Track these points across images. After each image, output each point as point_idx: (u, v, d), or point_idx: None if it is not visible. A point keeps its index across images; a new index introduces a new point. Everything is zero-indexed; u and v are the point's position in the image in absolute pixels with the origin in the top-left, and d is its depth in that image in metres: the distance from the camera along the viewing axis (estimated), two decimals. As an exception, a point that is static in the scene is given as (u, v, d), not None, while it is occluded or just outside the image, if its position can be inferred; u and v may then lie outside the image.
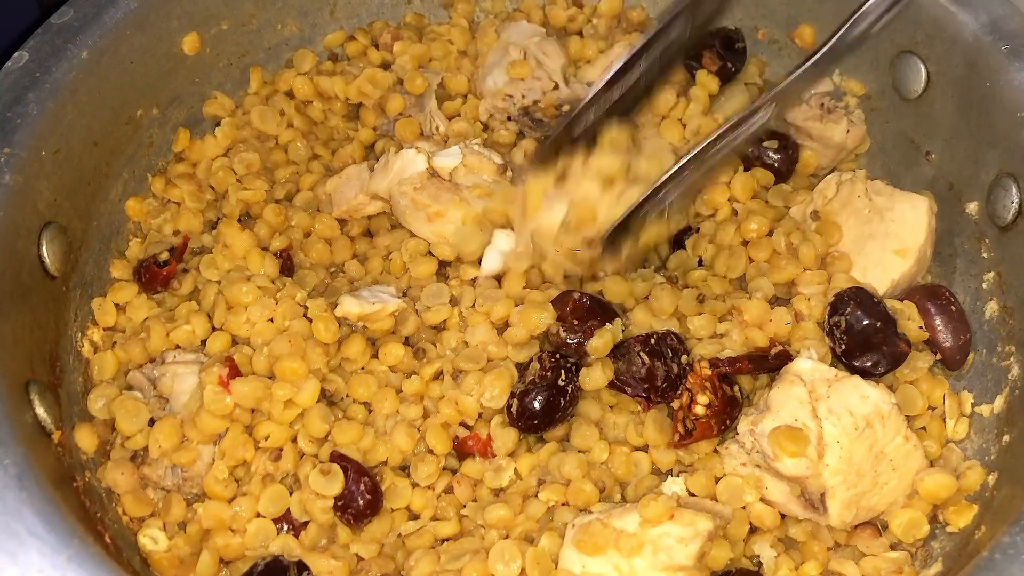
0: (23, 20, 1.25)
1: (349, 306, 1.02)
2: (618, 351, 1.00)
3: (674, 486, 0.95)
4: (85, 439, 0.95)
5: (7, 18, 1.27)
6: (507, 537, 0.93)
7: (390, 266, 1.12)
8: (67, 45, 1.01)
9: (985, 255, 1.06)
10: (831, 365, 0.98)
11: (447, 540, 0.96)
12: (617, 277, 1.07)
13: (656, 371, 0.98)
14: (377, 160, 1.15)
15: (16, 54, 0.99)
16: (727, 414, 0.97)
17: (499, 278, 1.08)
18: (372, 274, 1.12)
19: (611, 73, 0.98)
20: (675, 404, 0.99)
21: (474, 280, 1.08)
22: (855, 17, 0.90)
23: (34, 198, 0.96)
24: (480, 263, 1.09)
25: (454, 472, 0.99)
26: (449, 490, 0.98)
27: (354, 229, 1.16)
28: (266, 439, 0.96)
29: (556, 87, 1.18)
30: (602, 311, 1.02)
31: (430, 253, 1.11)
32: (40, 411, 0.90)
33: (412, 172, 1.09)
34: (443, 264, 1.11)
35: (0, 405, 0.82)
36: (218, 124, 1.18)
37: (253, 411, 0.97)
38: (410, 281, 1.10)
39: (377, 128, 1.22)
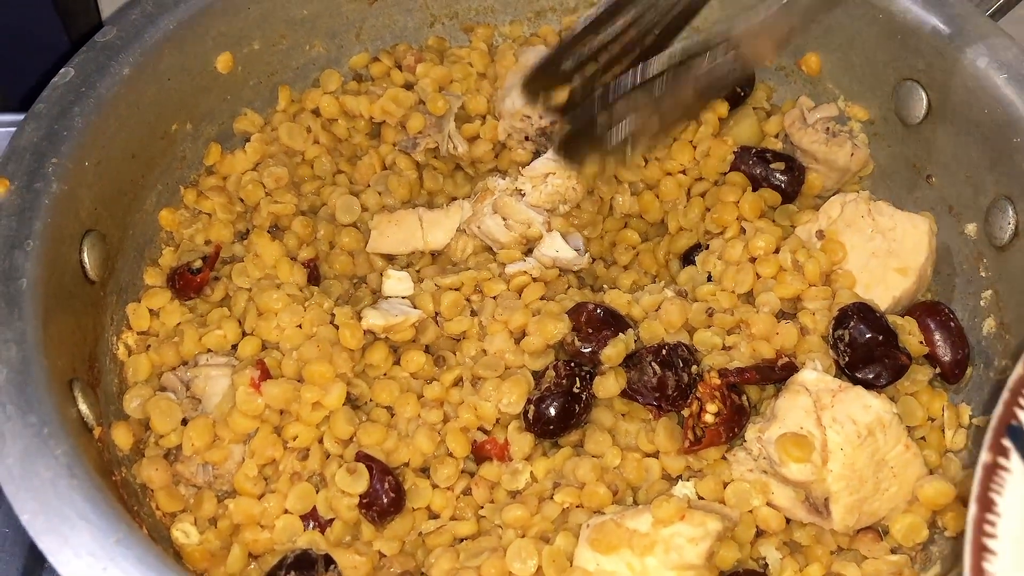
0: (54, 53, 1.30)
1: (374, 319, 1.05)
2: (631, 361, 1.04)
3: (684, 490, 0.98)
4: (121, 437, 0.99)
5: (39, 51, 1.32)
6: (524, 536, 0.96)
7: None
8: (110, 62, 1.05)
9: (983, 274, 1.10)
10: (835, 376, 1.01)
11: (465, 539, 0.99)
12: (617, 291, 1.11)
13: (667, 380, 1.01)
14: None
15: (63, 70, 1.04)
16: (735, 422, 1.01)
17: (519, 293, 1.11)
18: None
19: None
20: (685, 412, 1.02)
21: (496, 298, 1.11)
22: None
23: (77, 206, 1.00)
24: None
25: (472, 475, 1.02)
26: (467, 492, 1.01)
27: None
28: (294, 439, 1.00)
29: (572, 108, 1.21)
30: (615, 322, 1.06)
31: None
32: (83, 408, 0.94)
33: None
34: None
35: (50, 400, 0.85)
36: (248, 140, 1.22)
37: (282, 412, 1.01)
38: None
39: (396, 143, 1.26)
